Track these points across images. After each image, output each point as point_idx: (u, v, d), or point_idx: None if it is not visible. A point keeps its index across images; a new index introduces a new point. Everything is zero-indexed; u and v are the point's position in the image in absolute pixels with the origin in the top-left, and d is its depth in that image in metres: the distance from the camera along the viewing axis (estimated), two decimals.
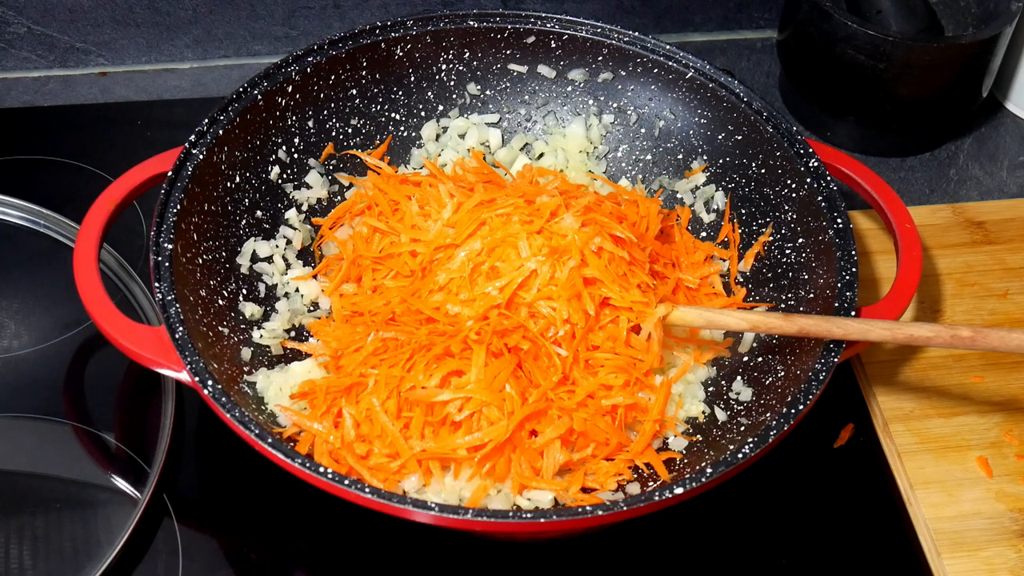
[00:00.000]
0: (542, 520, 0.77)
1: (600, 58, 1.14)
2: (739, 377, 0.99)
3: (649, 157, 1.15)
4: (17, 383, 1.02)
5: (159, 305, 0.87)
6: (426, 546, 0.92)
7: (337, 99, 1.10)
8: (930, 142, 1.32)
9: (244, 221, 1.03)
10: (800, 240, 1.01)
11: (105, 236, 0.94)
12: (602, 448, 0.91)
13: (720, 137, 1.10)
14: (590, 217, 0.96)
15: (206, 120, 0.99)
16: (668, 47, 1.11)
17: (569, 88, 1.16)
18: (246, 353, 0.97)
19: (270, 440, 0.80)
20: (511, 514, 0.77)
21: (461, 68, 1.15)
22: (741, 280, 1.06)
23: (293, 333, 1.02)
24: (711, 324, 0.93)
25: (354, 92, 1.11)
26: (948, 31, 1.30)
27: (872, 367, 1.05)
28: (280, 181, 1.07)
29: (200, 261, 0.96)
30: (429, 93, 1.15)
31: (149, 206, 1.01)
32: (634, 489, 0.90)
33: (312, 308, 1.04)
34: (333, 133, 1.11)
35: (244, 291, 1.01)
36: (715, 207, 1.11)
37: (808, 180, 1.00)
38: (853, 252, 0.94)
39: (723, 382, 1.00)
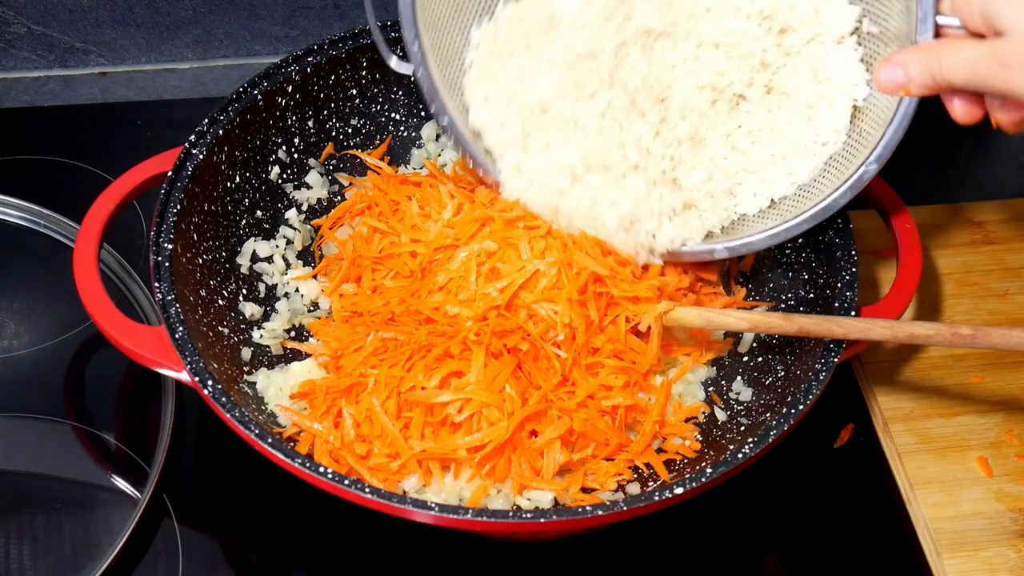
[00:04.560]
0: (542, 520, 0.77)
1: None
2: (739, 377, 0.99)
3: None
4: (17, 383, 1.02)
5: (159, 305, 0.87)
6: (426, 546, 0.92)
7: (337, 99, 1.10)
8: (930, 142, 1.32)
9: (244, 221, 1.03)
10: (800, 240, 1.01)
11: (105, 236, 0.94)
12: (602, 448, 0.91)
13: None
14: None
15: (206, 120, 0.99)
16: None
17: None
18: (246, 353, 0.97)
19: (270, 440, 0.80)
20: (511, 514, 0.77)
21: None
22: (741, 280, 1.06)
23: (293, 333, 1.02)
24: (711, 324, 0.93)
25: (354, 92, 1.11)
26: None
27: (872, 367, 1.05)
28: (280, 181, 1.07)
29: (200, 261, 0.96)
30: None
31: (149, 206, 1.01)
32: (634, 489, 0.90)
33: (312, 308, 1.04)
34: (333, 133, 1.11)
35: (244, 291, 1.01)
36: None
37: None
38: (853, 252, 0.94)
39: (723, 382, 1.00)
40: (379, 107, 1.13)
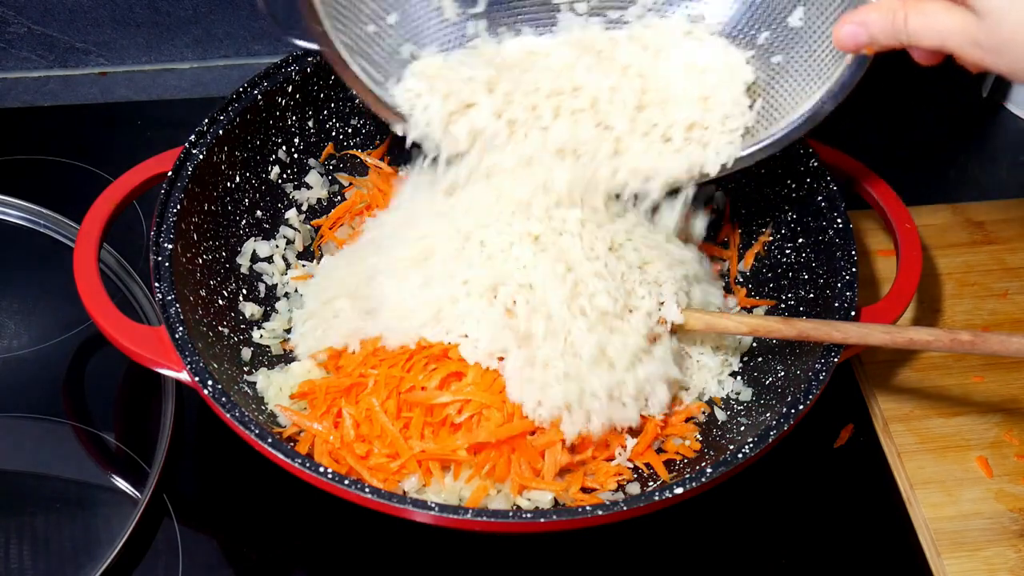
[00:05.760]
0: (542, 520, 0.77)
1: None
2: (739, 377, 0.99)
3: None
4: (17, 383, 1.02)
5: (159, 305, 0.87)
6: (426, 546, 0.92)
7: (337, 99, 1.10)
8: (930, 142, 1.32)
9: (244, 221, 1.03)
10: (800, 240, 1.01)
11: (105, 236, 0.94)
12: (602, 450, 0.91)
13: None
14: None
15: (206, 120, 0.99)
16: None
17: None
18: (246, 353, 0.97)
19: (270, 440, 0.80)
20: (511, 514, 0.77)
21: None
22: (741, 280, 1.06)
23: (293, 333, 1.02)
24: (711, 328, 0.93)
25: (354, 92, 1.10)
26: None
27: (872, 367, 1.05)
28: (280, 181, 1.07)
29: (200, 261, 0.96)
30: None
31: (149, 206, 1.01)
32: (634, 489, 0.90)
33: None
34: (333, 133, 1.11)
35: (244, 291, 1.01)
36: (715, 207, 1.10)
37: (808, 180, 1.00)
38: (853, 252, 0.94)
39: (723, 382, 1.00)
40: None
